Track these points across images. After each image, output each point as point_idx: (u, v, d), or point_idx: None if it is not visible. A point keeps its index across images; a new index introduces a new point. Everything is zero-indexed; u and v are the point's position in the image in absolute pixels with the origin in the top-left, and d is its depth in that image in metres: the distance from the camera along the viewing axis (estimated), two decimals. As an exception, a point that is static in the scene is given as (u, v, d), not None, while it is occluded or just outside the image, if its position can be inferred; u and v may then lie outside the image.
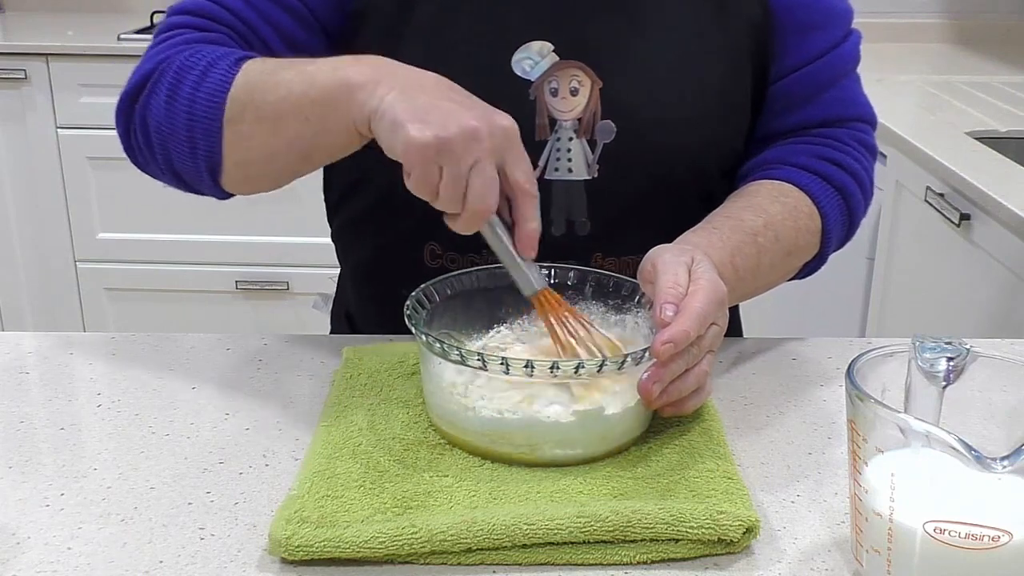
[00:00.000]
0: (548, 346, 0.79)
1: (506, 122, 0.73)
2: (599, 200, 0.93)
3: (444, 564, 0.65)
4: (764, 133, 1.01)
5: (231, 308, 2.71)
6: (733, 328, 0.99)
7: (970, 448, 0.54)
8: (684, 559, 0.66)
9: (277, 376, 0.89)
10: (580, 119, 0.91)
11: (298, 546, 0.63)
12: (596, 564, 0.65)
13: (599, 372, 0.71)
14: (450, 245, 0.93)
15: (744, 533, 0.65)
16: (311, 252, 2.57)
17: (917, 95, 2.26)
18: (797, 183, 0.96)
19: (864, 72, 1.02)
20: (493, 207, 0.73)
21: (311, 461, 0.73)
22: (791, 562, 0.66)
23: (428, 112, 0.71)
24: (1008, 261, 1.58)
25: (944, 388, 0.64)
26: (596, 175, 0.92)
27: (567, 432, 0.73)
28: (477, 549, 0.65)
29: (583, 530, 0.64)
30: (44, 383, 0.89)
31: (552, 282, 0.84)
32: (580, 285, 0.85)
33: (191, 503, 0.71)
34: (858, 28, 1.01)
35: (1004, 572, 0.57)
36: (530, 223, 0.75)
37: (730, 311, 0.80)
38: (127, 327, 2.71)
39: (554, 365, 0.70)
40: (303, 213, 2.43)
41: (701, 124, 0.94)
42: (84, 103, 2.55)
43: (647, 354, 0.72)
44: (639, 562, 0.65)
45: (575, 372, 0.71)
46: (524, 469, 0.73)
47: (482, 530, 0.64)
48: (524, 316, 0.84)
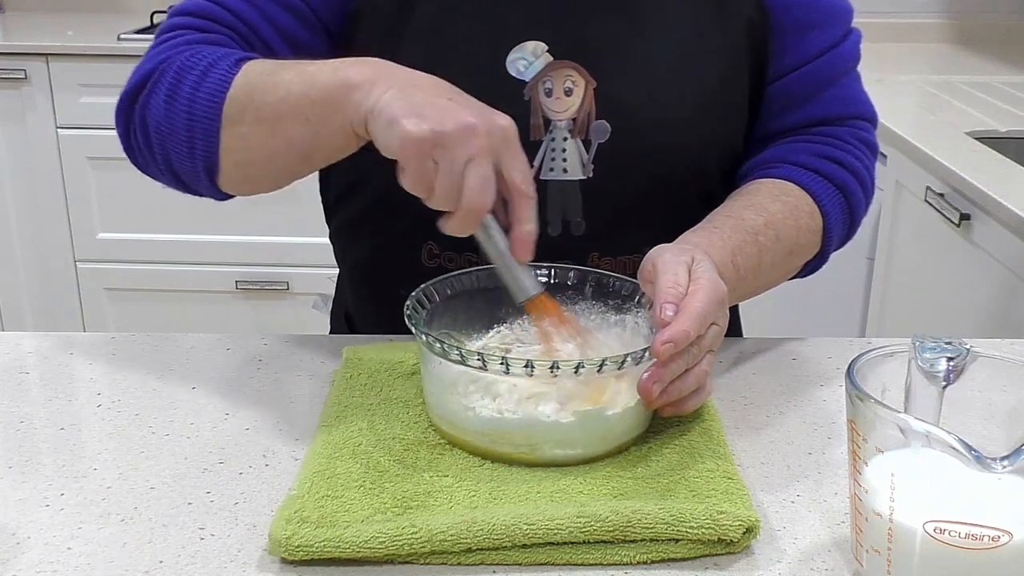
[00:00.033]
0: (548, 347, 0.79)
1: (504, 122, 0.72)
2: (595, 200, 0.93)
3: (444, 564, 0.65)
4: (764, 133, 1.01)
5: (231, 308, 2.71)
6: (733, 328, 0.99)
7: (970, 448, 0.54)
8: (684, 559, 0.66)
9: (277, 376, 0.89)
10: (575, 119, 0.91)
11: (298, 546, 0.63)
12: (596, 564, 0.65)
13: (599, 372, 0.71)
14: (448, 244, 0.93)
15: (744, 533, 0.65)
16: (311, 252, 2.57)
17: (917, 95, 2.26)
18: (798, 182, 0.95)
19: (864, 72, 1.02)
20: (488, 204, 0.71)
21: (311, 461, 0.73)
22: (791, 562, 0.66)
23: (424, 108, 0.70)
24: (1008, 261, 1.58)
25: (944, 388, 0.64)
26: (591, 175, 0.92)
27: (567, 432, 0.73)
28: (477, 549, 0.65)
29: (583, 530, 0.64)
30: (44, 383, 0.89)
31: (552, 282, 0.84)
32: (580, 285, 0.84)
33: (191, 503, 0.71)
34: (858, 27, 1.01)
35: (1004, 572, 0.57)
36: (526, 225, 0.74)
37: (730, 311, 0.80)
38: (127, 327, 2.72)
39: (554, 365, 0.70)
40: (303, 213, 2.42)
41: (700, 124, 0.94)
42: (84, 103, 2.55)
43: (647, 354, 0.72)
44: (639, 562, 0.65)
45: (575, 372, 0.71)
46: (524, 469, 0.73)
47: (482, 530, 0.64)
48: (524, 316, 0.84)
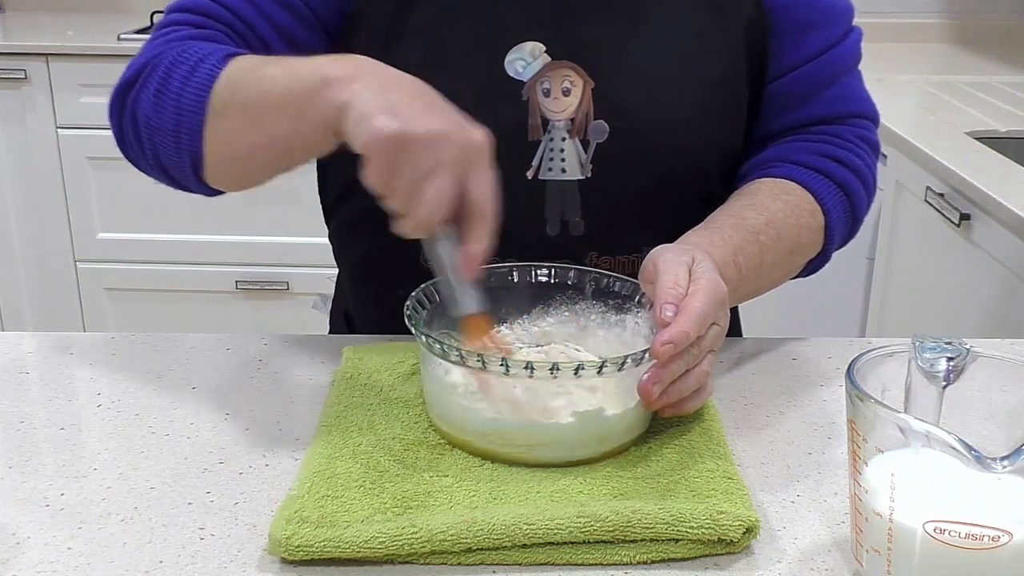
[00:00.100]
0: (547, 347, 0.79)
1: (478, 136, 0.71)
2: (593, 200, 0.93)
3: (444, 564, 0.65)
4: (764, 132, 1.01)
5: (231, 308, 2.71)
6: (733, 328, 0.99)
7: (970, 448, 0.54)
8: (684, 559, 0.66)
9: (277, 376, 0.89)
10: (573, 119, 0.91)
11: (298, 546, 0.63)
12: (596, 564, 0.65)
13: (599, 374, 0.71)
14: None
15: (744, 533, 0.65)
16: (311, 252, 2.57)
17: (917, 95, 2.26)
18: (798, 180, 0.95)
19: (864, 72, 1.02)
20: (439, 219, 0.70)
21: (311, 461, 0.72)
22: (791, 562, 0.66)
23: (398, 108, 0.69)
24: (1008, 261, 1.58)
25: (944, 388, 0.64)
26: (590, 175, 0.92)
27: (567, 433, 0.73)
28: (477, 549, 0.65)
29: (583, 530, 0.64)
30: (44, 383, 0.89)
31: (552, 281, 0.84)
32: (580, 285, 0.84)
33: (191, 503, 0.71)
34: (859, 26, 1.01)
35: (1004, 572, 0.57)
36: (477, 244, 0.72)
37: (730, 311, 0.80)
38: (127, 327, 2.72)
39: (554, 366, 0.70)
40: (303, 213, 2.42)
41: (699, 124, 0.94)
42: (84, 103, 2.55)
43: (647, 355, 0.72)
44: (639, 562, 0.65)
45: (575, 374, 0.71)
46: (524, 469, 0.73)
47: (482, 530, 0.64)
48: (524, 316, 0.84)
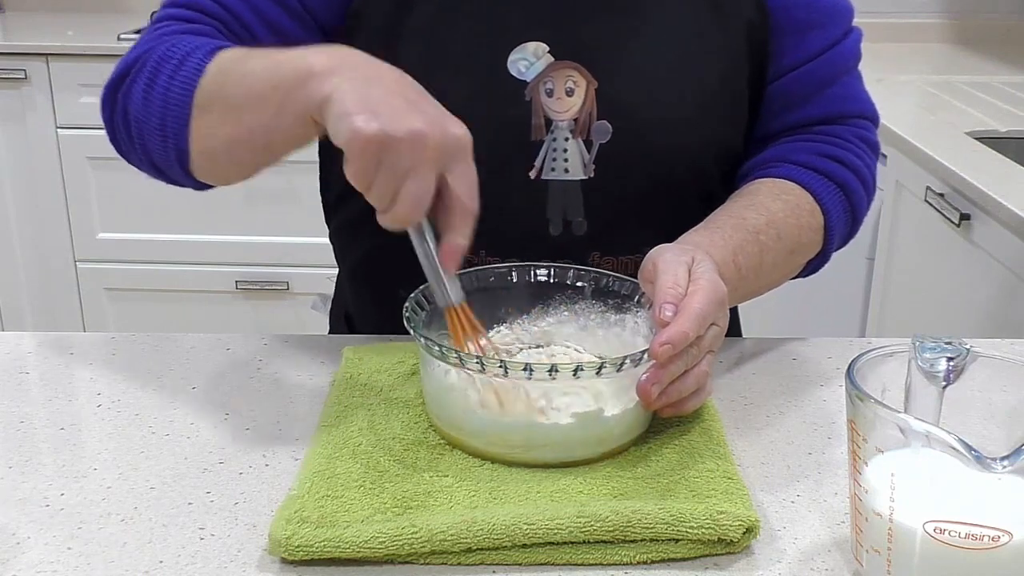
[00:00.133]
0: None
1: (459, 131, 0.71)
2: (596, 200, 0.93)
3: (444, 564, 0.65)
4: (764, 132, 1.01)
5: (231, 308, 2.71)
6: (732, 328, 0.99)
7: (970, 448, 0.54)
8: (684, 559, 0.66)
9: (277, 376, 0.89)
10: (576, 119, 0.91)
11: (298, 546, 0.63)
12: (596, 564, 0.65)
13: (598, 374, 0.71)
14: None
15: (744, 533, 0.65)
16: (311, 252, 2.57)
17: (917, 95, 2.26)
18: (798, 180, 0.95)
19: (864, 72, 1.02)
20: (419, 217, 0.71)
21: (311, 461, 0.73)
22: (791, 562, 0.66)
23: (379, 105, 0.69)
24: (1008, 261, 1.58)
25: (944, 388, 0.64)
26: (592, 175, 0.92)
27: (566, 434, 0.73)
28: (477, 549, 0.65)
29: (583, 530, 0.64)
30: (44, 383, 0.89)
31: (552, 281, 0.84)
32: (580, 284, 0.84)
33: (191, 503, 0.71)
34: (859, 26, 1.01)
35: (1004, 572, 0.57)
36: (457, 238, 0.73)
37: (729, 311, 0.80)
38: (127, 327, 2.72)
39: (552, 368, 0.70)
40: (303, 213, 2.42)
41: (700, 124, 0.94)
42: (84, 103, 2.55)
43: (646, 355, 0.72)
44: (639, 562, 0.65)
45: (574, 375, 0.71)
46: (524, 469, 0.73)
47: (482, 530, 0.64)
48: (524, 316, 0.84)
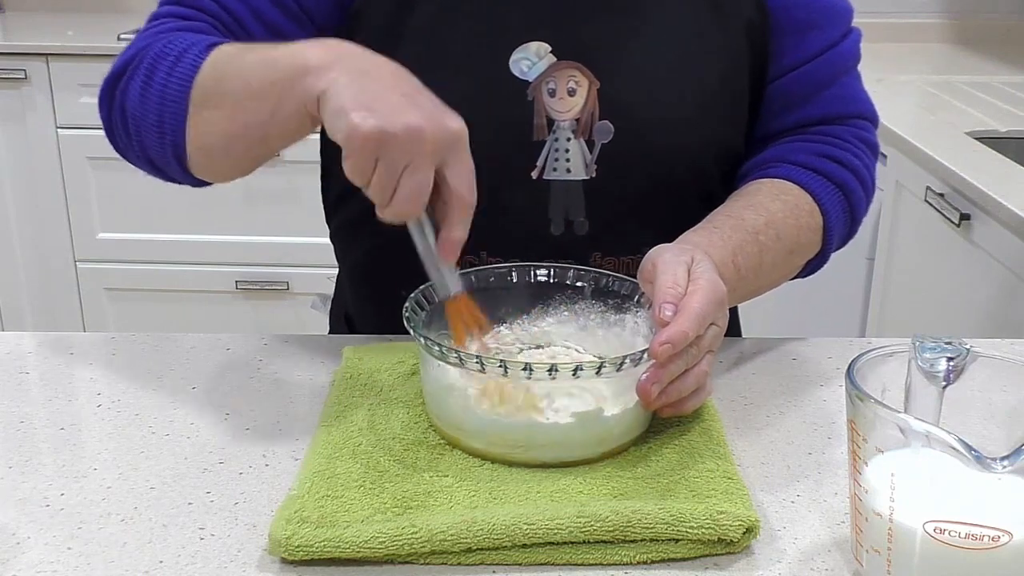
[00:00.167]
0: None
1: (455, 125, 0.72)
2: (598, 200, 0.93)
3: (444, 564, 0.65)
4: (764, 132, 1.01)
5: (231, 308, 2.71)
6: (732, 328, 0.99)
7: (970, 448, 0.54)
8: (684, 559, 0.66)
9: (277, 376, 0.89)
10: (578, 119, 0.91)
11: (298, 546, 0.63)
12: (596, 564, 0.65)
13: (598, 374, 0.71)
14: None
15: (744, 533, 0.65)
16: (311, 252, 2.56)
17: (917, 95, 2.26)
18: (797, 181, 0.95)
19: (864, 72, 1.02)
20: (417, 212, 0.72)
21: (311, 461, 0.73)
22: (791, 562, 0.66)
23: (375, 101, 0.70)
24: (1008, 261, 1.58)
25: (944, 388, 0.64)
26: (594, 175, 0.92)
27: (566, 433, 0.73)
28: (477, 549, 0.65)
29: (583, 530, 0.64)
30: (44, 383, 0.89)
31: (552, 281, 0.84)
32: (580, 284, 0.84)
33: (191, 503, 0.71)
34: (858, 26, 1.01)
35: (1004, 572, 0.57)
36: (455, 231, 0.74)
37: (729, 311, 0.80)
38: (127, 327, 2.71)
39: (552, 367, 0.70)
40: (303, 213, 2.42)
41: (700, 124, 0.94)
42: (84, 103, 2.55)
43: (646, 355, 0.72)
44: (639, 562, 0.65)
45: (573, 375, 0.71)
46: (524, 469, 0.73)
47: (482, 530, 0.64)
48: (524, 316, 0.84)
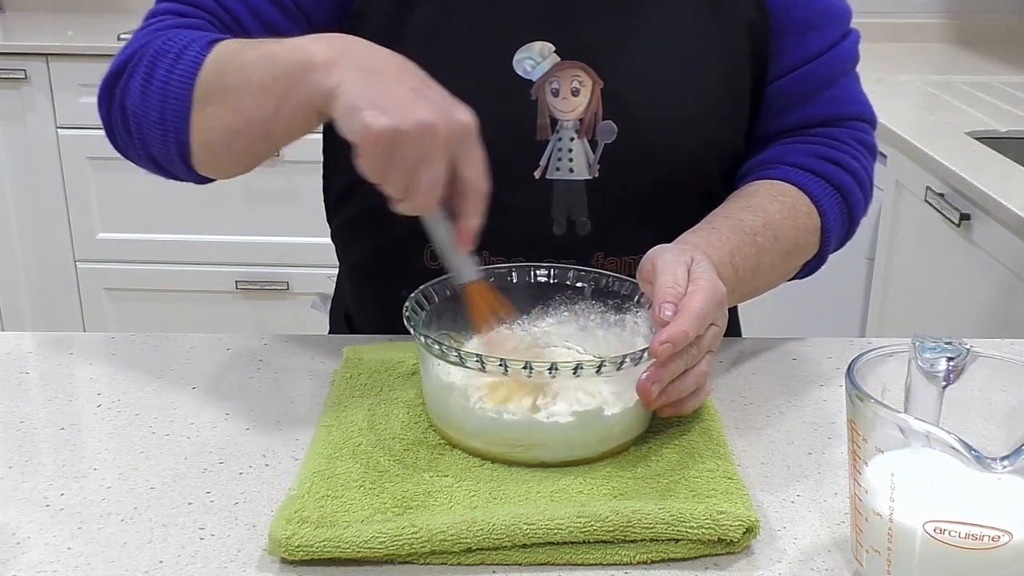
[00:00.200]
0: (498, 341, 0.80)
1: (464, 117, 0.72)
2: (600, 200, 0.93)
3: (444, 564, 0.65)
4: (763, 133, 1.01)
5: (231, 308, 2.71)
6: (732, 328, 0.99)
7: (970, 448, 0.54)
8: (684, 559, 0.66)
9: (277, 376, 0.89)
10: (581, 119, 0.91)
11: (298, 546, 0.63)
12: (596, 564, 0.65)
13: (598, 373, 0.71)
14: None
15: (744, 533, 0.65)
16: (311, 252, 2.56)
17: (917, 95, 2.26)
18: (796, 182, 0.95)
19: (864, 72, 1.02)
20: (434, 204, 0.73)
21: (311, 461, 0.73)
22: (791, 562, 0.66)
23: (385, 98, 0.70)
24: (1008, 261, 1.58)
25: (944, 388, 0.64)
26: (597, 175, 0.92)
27: (566, 433, 0.73)
28: (477, 549, 0.65)
29: (583, 530, 0.64)
30: (44, 383, 0.89)
31: (552, 281, 0.84)
32: (580, 285, 0.84)
33: (191, 503, 0.71)
34: (857, 28, 1.01)
35: (1004, 572, 0.57)
36: (472, 220, 0.75)
37: (728, 311, 0.80)
38: (127, 327, 2.71)
39: (552, 366, 0.70)
40: (303, 213, 2.42)
41: (701, 124, 0.94)
42: (84, 103, 2.55)
43: (646, 354, 0.72)
44: (639, 562, 0.65)
45: (574, 373, 0.71)
46: (524, 469, 0.73)
47: (482, 530, 0.64)
48: (524, 316, 0.84)
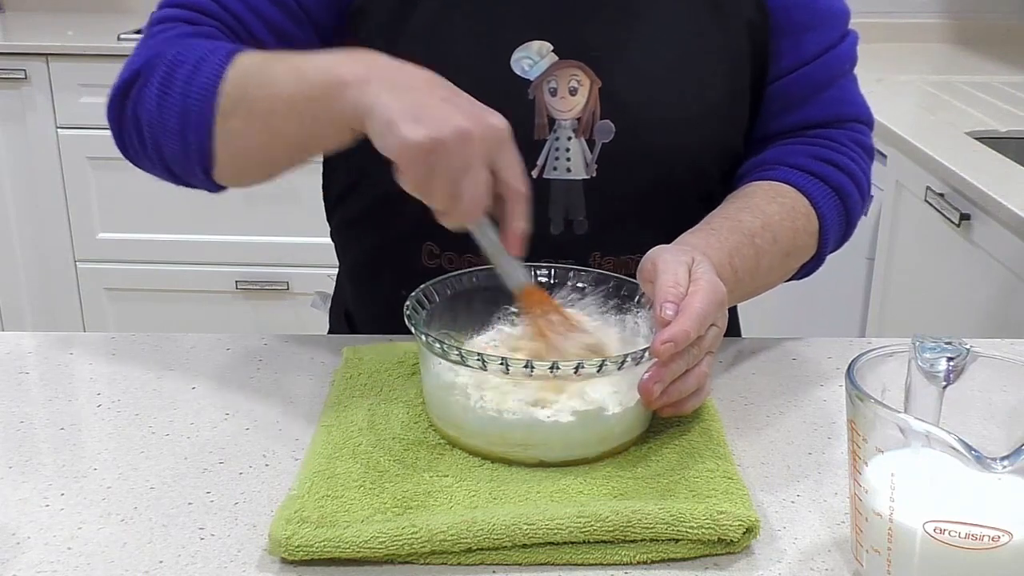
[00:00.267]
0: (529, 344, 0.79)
1: (499, 122, 0.72)
2: (598, 199, 0.93)
3: (444, 564, 0.65)
4: (762, 134, 1.01)
5: (231, 308, 2.71)
6: (731, 328, 0.98)
7: (970, 448, 0.54)
8: (684, 559, 0.66)
9: (277, 376, 0.89)
10: (579, 119, 0.91)
11: (298, 546, 0.63)
12: (596, 564, 0.65)
13: (599, 372, 0.71)
14: (447, 245, 0.93)
15: (744, 533, 0.66)
16: (311, 252, 2.57)
17: (917, 95, 2.26)
18: (794, 184, 0.96)
19: (864, 72, 1.02)
20: (483, 209, 0.73)
21: (311, 461, 0.73)
22: (791, 562, 0.66)
23: (421, 111, 0.71)
24: (1008, 261, 1.58)
25: (944, 388, 0.64)
26: (594, 174, 0.92)
27: (567, 432, 0.73)
28: (477, 549, 0.65)
29: (583, 530, 0.64)
30: (44, 383, 0.89)
31: (552, 282, 0.84)
32: (580, 285, 0.84)
33: (191, 503, 0.71)
34: (855, 29, 1.01)
35: (1004, 572, 0.57)
36: (519, 223, 0.75)
37: (728, 312, 0.80)
38: (127, 327, 2.71)
39: (554, 365, 0.70)
40: (303, 213, 2.42)
41: (700, 124, 0.94)
42: (84, 103, 2.55)
43: (647, 354, 0.72)
44: (639, 562, 0.65)
45: (575, 372, 0.71)
46: (524, 469, 0.73)
47: (482, 530, 0.64)
48: (524, 316, 0.84)
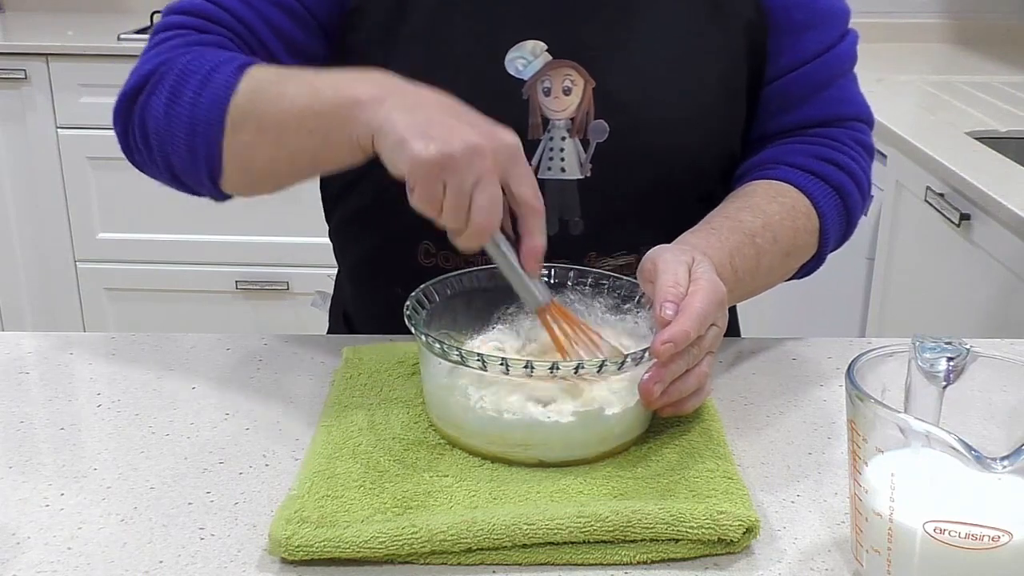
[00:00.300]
0: (543, 343, 0.79)
1: (510, 138, 0.73)
2: (593, 199, 0.93)
3: (444, 564, 0.65)
4: (761, 133, 1.01)
5: (231, 308, 2.71)
6: (731, 328, 0.98)
7: (970, 448, 0.54)
8: (684, 559, 0.66)
9: (277, 376, 0.89)
10: (573, 118, 0.91)
11: (298, 546, 0.63)
12: (596, 564, 0.65)
13: (599, 372, 0.71)
14: (444, 244, 0.93)
15: (744, 533, 0.66)
16: (311, 252, 2.57)
17: (917, 95, 2.26)
18: (794, 183, 0.95)
19: (863, 72, 1.02)
20: (497, 223, 0.73)
21: (311, 461, 0.73)
22: (791, 562, 0.66)
23: (431, 128, 0.71)
24: (1008, 261, 1.58)
25: (944, 388, 0.64)
26: (589, 174, 0.92)
27: (567, 432, 0.73)
28: (477, 549, 0.65)
29: (583, 530, 0.64)
30: (44, 383, 0.89)
31: (551, 282, 0.84)
32: (579, 285, 0.84)
33: (191, 503, 0.71)
34: (855, 28, 1.01)
35: (1004, 572, 0.57)
36: (535, 238, 0.75)
37: (728, 311, 0.80)
38: (127, 327, 2.72)
39: (554, 365, 0.70)
40: (303, 213, 2.42)
41: (698, 124, 0.94)
42: (84, 103, 2.55)
43: (647, 354, 0.72)
44: (639, 562, 0.65)
45: (575, 372, 0.71)
46: (524, 469, 0.73)
47: (482, 530, 0.64)
48: (525, 316, 0.84)
